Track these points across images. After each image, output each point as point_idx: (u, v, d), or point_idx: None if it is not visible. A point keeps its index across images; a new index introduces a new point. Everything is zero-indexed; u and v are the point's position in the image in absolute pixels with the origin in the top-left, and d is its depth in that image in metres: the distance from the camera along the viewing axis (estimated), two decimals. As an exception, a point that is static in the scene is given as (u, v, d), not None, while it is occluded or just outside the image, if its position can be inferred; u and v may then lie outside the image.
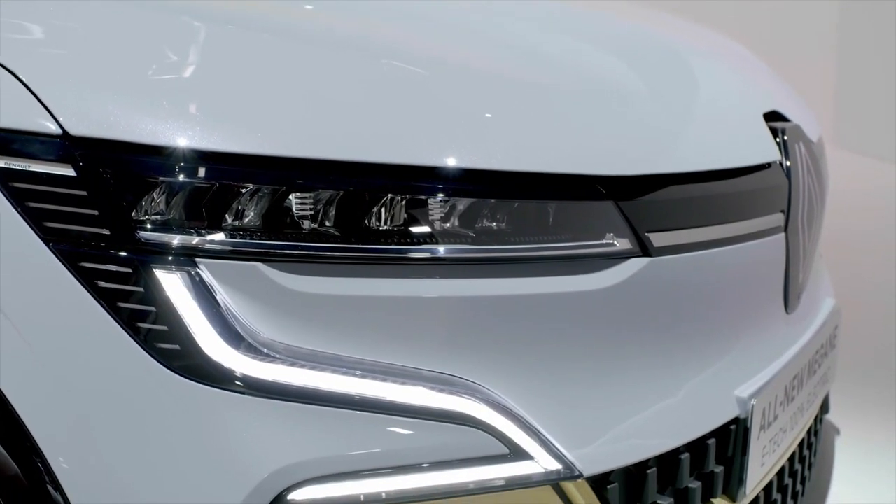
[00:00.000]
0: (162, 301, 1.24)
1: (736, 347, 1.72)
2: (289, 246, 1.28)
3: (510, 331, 1.37)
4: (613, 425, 1.44)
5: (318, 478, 1.25)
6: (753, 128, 1.85)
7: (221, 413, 1.24)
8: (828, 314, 2.19)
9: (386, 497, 1.27)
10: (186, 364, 1.24)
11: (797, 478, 2.17)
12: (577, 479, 1.36)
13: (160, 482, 1.25)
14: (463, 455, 1.31)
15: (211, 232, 1.27)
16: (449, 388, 1.32)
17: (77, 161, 1.25)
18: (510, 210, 1.37)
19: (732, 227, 1.67)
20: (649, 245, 1.47)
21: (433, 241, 1.32)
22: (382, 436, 1.28)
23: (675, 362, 1.57)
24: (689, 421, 1.57)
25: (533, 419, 1.36)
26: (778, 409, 1.79)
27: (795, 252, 1.90)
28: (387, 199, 1.31)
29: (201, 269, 1.26)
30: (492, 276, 1.37)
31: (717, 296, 1.67)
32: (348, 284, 1.30)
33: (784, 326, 1.92)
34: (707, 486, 1.64)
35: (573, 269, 1.42)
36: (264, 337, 1.27)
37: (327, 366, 1.28)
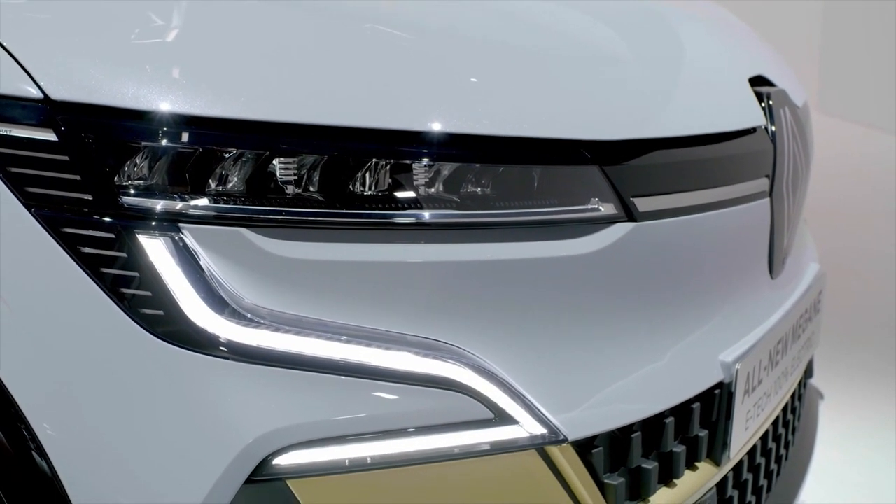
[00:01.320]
0: (145, 266, 1.24)
1: (720, 312, 1.72)
2: (273, 211, 1.27)
3: (495, 296, 1.37)
4: (598, 390, 1.45)
5: (303, 443, 1.25)
6: (739, 92, 1.84)
7: (205, 378, 1.24)
8: (812, 279, 2.19)
9: (371, 462, 1.27)
10: (170, 329, 1.24)
11: (781, 442, 2.18)
12: (561, 443, 1.37)
13: (145, 448, 1.24)
14: (448, 420, 1.31)
15: (194, 197, 1.26)
16: (434, 353, 1.32)
17: (58, 126, 1.24)
18: (495, 175, 1.36)
19: (717, 191, 1.67)
20: (634, 210, 1.46)
21: (418, 206, 1.32)
22: (367, 401, 1.28)
23: (660, 327, 1.57)
24: (674, 385, 1.57)
25: (518, 384, 1.36)
26: (762, 373, 1.80)
27: (780, 217, 1.90)
28: (371, 164, 1.30)
29: (185, 235, 1.25)
30: (477, 241, 1.37)
31: (701, 260, 1.67)
32: (333, 250, 1.30)
33: (769, 291, 1.92)
34: (691, 450, 1.64)
35: (558, 234, 1.42)
36: (248, 302, 1.27)
37: (312, 331, 1.28)
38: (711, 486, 1.71)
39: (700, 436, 1.65)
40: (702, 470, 1.67)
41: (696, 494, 1.65)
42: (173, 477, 1.23)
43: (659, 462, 1.57)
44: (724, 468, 1.72)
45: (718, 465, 1.69)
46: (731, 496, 1.86)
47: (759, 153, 1.82)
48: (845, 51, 10.34)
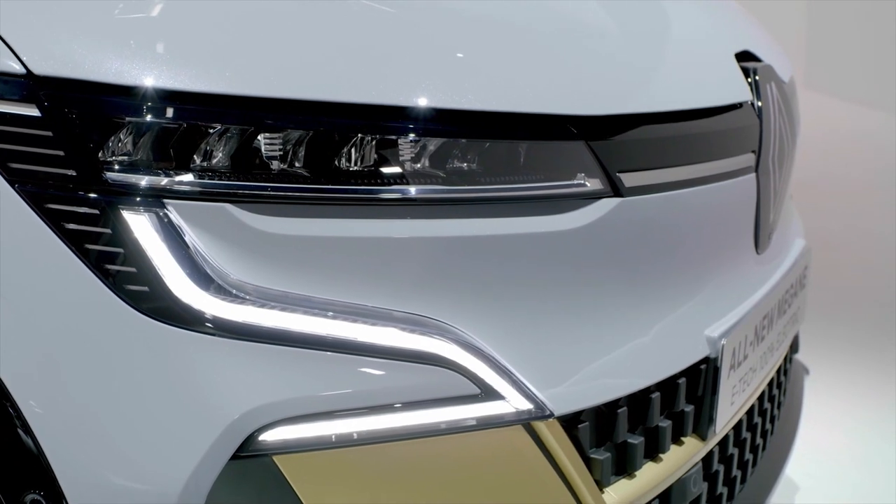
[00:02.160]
0: (130, 242, 1.23)
1: (706, 287, 1.72)
2: (258, 187, 1.27)
3: (481, 271, 1.37)
4: (584, 365, 1.45)
5: (289, 418, 1.25)
6: (725, 68, 1.84)
7: (191, 354, 1.24)
8: (798, 254, 2.20)
9: (357, 437, 1.27)
10: (155, 306, 1.23)
11: (766, 417, 2.19)
12: (548, 418, 1.37)
13: (131, 425, 1.24)
14: (434, 395, 1.31)
15: (179, 173, 1.26)
16: (420, 328, 1.32)
17: (41, 101, 1.23)
18: (481, 150, 1.36)
19: (704, 167, 1.67)
20: (620, 185, 1.46)
21: (403, 182, 1.31)
22: (353, 376, 1.28)
23: (646, 302, 1.57)
24: (660, 360, 1.58)
25: (504, 359, 1.36)
26: (748, 348, 1.80)
27: (766, 192, 1.90)
28: (357, 140, 1.29)
29: (169, 211, 1.25)
30: (463, 217, 1.36)
31: (687, 236, 1.67)
32: (318, 225, 1.30)
33: (754, 266, 1.93)
34: (677, 425, 1.65)
35: (544, 210, 1.42)
36: (234, 278, 1.27)
37: (298, 307, 1.27)
38: (697, 460, 1.72)
39: (686, 411, 1.65)
40: (687, 444, 1.68)
41: (682, 469, 1.66)
42: (159, 453, 1.23)
43: (645, 437, 1.57)
44: (710, 443, 1.73)
45: (704, 440, 1.70)
46: (716, 470, 1.86)
47: (745, 128, 1.82)
48: (832, 27, 10.34)
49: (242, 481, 1.25)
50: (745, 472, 2.07)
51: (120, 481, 1.24)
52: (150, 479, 1.23)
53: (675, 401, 1.63)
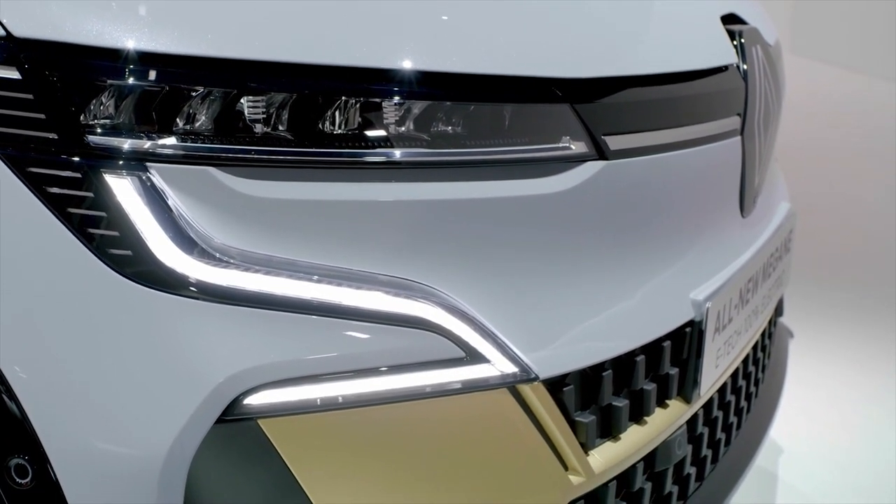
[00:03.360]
0: (112, 206, 1.22)
1: (691, 251, 1.72)
2: (241, 150, 1.26)
3: (466, 235, 1.37)
4: (569, 328, 1.45)
5: (274, 382, 1.25)
6: (710, 30, 1.83)
7: (176, 319, 1.23)
8: (783, 218, 2.20)
9: (343, 401, 1.27)
10: (139, 270, 1.23)
11: (751, 380, 2.19)
12: (533, 381, 1.37)
13: (115, 389, 1.24)
14: (419, 359, 1.31)
15: (162, 136, 1.25)
16: (405, 292, 1.31)
17: (22, 64, 1.22)
18: (466, 113, 1.35)
19: (689, 130, 1.67)
20: (605, 148, 1.46)
21: (388, 145, 1.31)
22: (338, 340, 1.28)
23: (631, 265, 1.57)
24: (645, 324, 1.58)
25: (489, 323, 1.36)
26: (732, 311, 1.81)
27: (751, 155, 1.90)
28: (341, 103, 1.29)
29: (152, 174, 1.24)
30: (448, 180, 1.36)
31: (673, 199, 1.67)
32: (303, 189, 1.29)
33: (739, 230, 1.93)
34: (662, 388, 1.65)
35: (529, 173, 1.42)
36: (218, 242, 1.26)
37: (282, 270, 1.27)
38: (682, 423, 1.73)
39: (671, 374, 1.66)
40: (672, 407, 1.68)
41: (667, 432, 1.67)
42: (144, 417, 1.23)
43: (630, 400, 1.58)
44: (695, 406, 1.74)
45: (689, 403, 1.71)
46: (701, 433, 1.87)
47: (730, 91, 1.82)
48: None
49: (227, 445, 1.25)
50: (730, 435, 2.08)
51: (104, 445, 1.24)
52: (134, 443, 1.23)
53: (660, 364, 1.64)
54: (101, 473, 1.25)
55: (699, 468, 1.92)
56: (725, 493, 1.98)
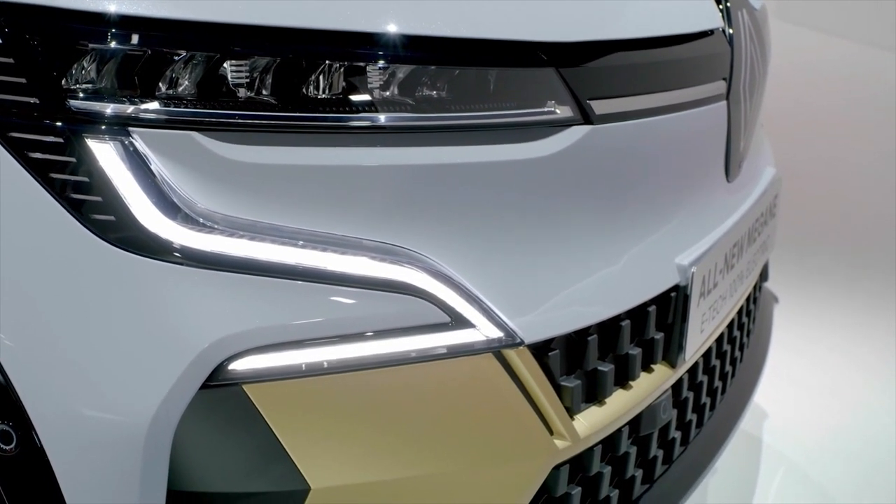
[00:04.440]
0: (95, 171, 1.22)
1: (677, 215, 1.72)
2: (225, 115, 1.25)
3: (451, 200, 1.36)
4: (555, 293, 1.45)
5: (259, 348, 1.24)
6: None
7: (159, 284, 1.23)
8: (768, 183, 2.20)
9: (328, 366, 1.27)
10: (122, 235, 1.22)
11: (736, 345, 2.20)
12: (518, 346, 1.37)
13: (100, 355, 1.23)
14: (404, 324, 1.31)
15: (144, 101, 1.24)
16: (390, 257, 1.31)
17: (2, 27, 1.21)
18: (451, 78, 1.35)
19: (674, 94, 1.66)
20: (591, 113, 1.46)
21: (373, 110, 1.30)
22: (323, 305, 1.28)
23: (617, 230, 1.57)
24: (630, 288, 1.58)
25: (474, 287, 1.36)
26: (718, 276, 1.81)
27: (737, 120, 1.90)
28: (325, 67, 1.28)
29: (135, 139, 1.23)
30: (433, 145, 1.35)
31: (658, 164, 1.67)
32: (287, 153, 1.28)
33: (725, 195, 1.93)
34: (647, 353, 1.66)
35: (514, 138, 1.41)
36: (201, 207, 1.25)
37: (266, 236, 1.27)
38: (667, 388, 1.73)
39: (656, 338, 1.66)
40: (657, 372, 1.69)
41: (652, 396, 1.67)
42: (128, 383, 1.23)
43: (615, 364, 1.58)
44: (680, 370, 1.74)
45: (674, 368, 1.71)
46: (686, 398, 1.88)
47: (716, 56, 1.81)
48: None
49: (212, 411, 1.24)
50: (715, 400, 2.09)
51: (89, 411, 1.23)
52: (119, 409, 1.23)
53: (646, 328, 1.64)
54: (86, 439, 1.24)
55: (684, 432, 1.93)
56: (710, 457, 1.99)
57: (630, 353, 1.60)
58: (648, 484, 1.81)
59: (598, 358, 1.56)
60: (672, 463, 1.88)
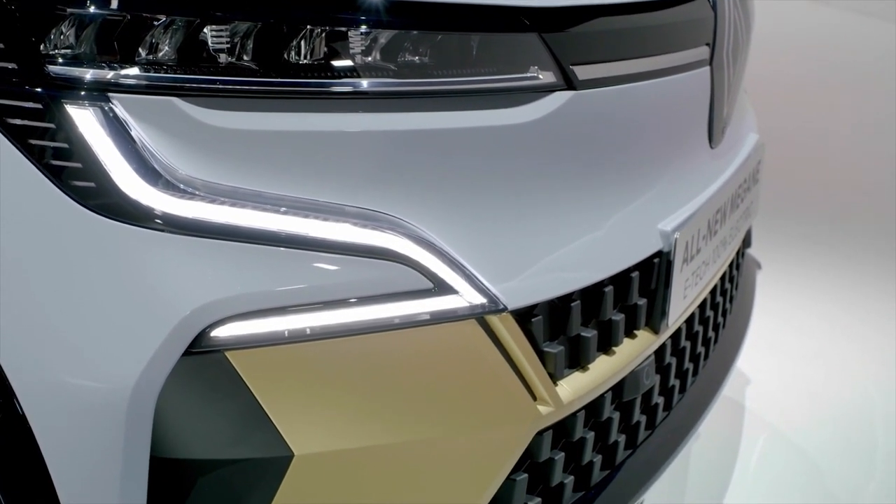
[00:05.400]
0: (75, 137, 1.21)
1: (660, 181, 1.72)
2: (205, 80, 1.25)
3: (434, 166, 1.36)
4: (538, 259, 1.45)
5: (242, 314, 1.24)
6: (679, -41, 1.82)
7: (141, 251, 1.22)
8: (751, 149, 2.20)
9: (310, 332, 1.27)
10: (103, 202, 1.22)
11: (718, 311, 2.21)
12: (501, 312, 1.37)
13: (81, 322, 1.23)
14: (387, 290, 1.31)
15: (124, 66, 1.23)
16: (372, 223, 1.31)
17: (-22, -8, 1.20)
18: (433, 43, 1.34)
19: (657, 60, 1.66)
20: (574, 78, 1.45)
21: (355, 75, 1.29)
22: (305, 272, 1.27)
23: (600, 196, 1.57)
24: (613, 254, 1.58)
25: (457, 253, 1.35)
26: (701, 242, 1.81)
27: (720, 86, 1.89)
28: (306, 32, 1.27)
29: (115, 105, 1.22)
30: (415, 111, 1.35)
31: (641, 129, 1.66)
32: (268, 119, 1.28)
33: (708, 160, 1.93)
34: (630, 319, 1.66)
35: (497, 103, 1.41)
36: (182, 173, 1.25)
37: (248, 202, 1.26)
38: (650, 353, 1.74)
39: (639, 304, 1.66)
40: (640, 338, 1.69)
41: (635, 362, 1.68)
42: (110, 350, 1.22)
43: (598, 330, 1.58)
44: (663, 336, 1.75)
45: (657, 333, 1.71)
46: (668, 363, 1.88)
47: (699, 21, 1.81)
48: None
49: (195, 378, 1.24)
50: (697, 366, 2.10)
51: (71, 379, 1.23)
52: (101, 377, 1.22)
53: (629, 294, 1.64)
54: (69, 407, 1.24)
55: (667, 398, 1.94)
56: (693, 422, 2.00)
57: (613, 319, 1.61)
58: (631, 449, 1.82)
59: (582, 324, 1.56)
60: (655, 428, 1.89)
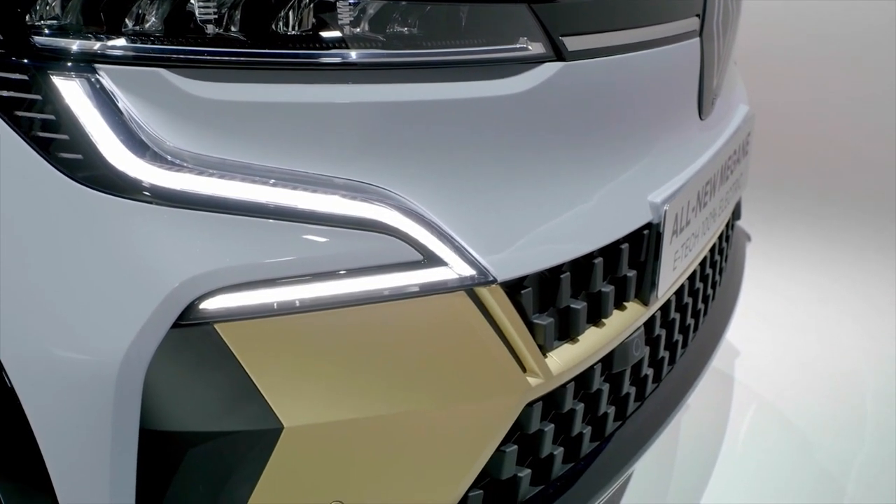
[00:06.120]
0: (61, 109, 1.20)
1: (649, 153, 1.72)
2: (193, 51, 1.24)
3: (423, 137, 1.35)
4: (527, 231, 1.44)
5: (231, 286, 1.23)
6: (670, -71, 1.81)
7: (129, 223, 1.22)
8: (741, 120, 2.20)
9: (300, 304, 1.26)
10: (90, 174, 1.21)
11: (708, 282, 2.21)
12: (490, 284, 1.37)
13: (69, 295, 1.22)
14: (377, 262, 1.30)
15: (111, 37, 1.22)
16: (361, 195, 1.30)
17: (-37, -38, 1.19)
18: (422, 14, 1.33)
19: (647, 31, 1.66)
20: (563, 49, 1.45)
21: (343, 46, 1.29)
22: (294, 244, 1.27)
23: (589, 168, 1.57)
24: (603, 226, 1.58)
25: (446, 225, 1.35)
26: (690, 214, 1.81)
27: (710, 57, 1.89)
28: (294, 2, 1.26)
29: (101, 76, 1.21)
30: (404, 82, 1.34)
31: (631, 101, 1.66)
32: (256, 91, 1.27)
33: (697, 132, 1.93)
34: (620, 290, 1.66)
35: (486, 74, 1.40)
36: (170, 145, 1.24)
37: (236, 174, 1.25)
38: (639, 325, 1.74)
39: (628, 276, 1.66)
40: (630, 310, 1.69)
41: (625, 333, 1.68)
42: (99, 323, 1.22)
43: (588, 302, 1.58)
44: (652, 308, 1.75)
45: (646, 305, 1.72)
46: (658, 335, 1.89)
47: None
48: None
49: (184, 350, 1.24)
50: (687, 337, 2.10)
51: (60, 352, 1.23)
52: (90, 350, 1.22)
53: (618, 266, 1.64)
54: (58, 380, 1.24)
55: (656, 370, 1.94)
56: (682, 394, 2.01)
57: (603, 291, 1.61)
58: (621, 421, 1.82)
59: (571, 296, 1.56)
60: (644, 400, 1.89)
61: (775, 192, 4.61)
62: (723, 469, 2.56)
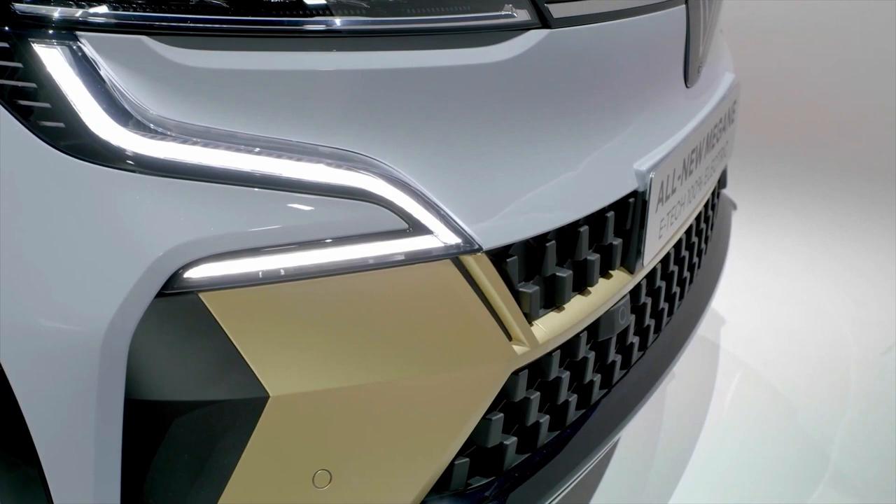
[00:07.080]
0: (43, 77, 1.19)
1: (635, 121, 1.72)
2: (176, 18, 1.23)
3: (407, 105, 1.35)
4: (513, 199, 1.44)
5: (215, 255, 1.23)
6: None
7: (112, 192, 1.21)
8: (727, 88, 2.20)
9: (285, 273, 1.26)
10: (73, 143, 1.20)
11: (694, 251, 2.21)
12: (476, 252, 1.37)
13: (53, 265, 1.22)
14: (362, 231, 1.30)
15: (92, 4, 1.21)
16: (347, 163, 1.29)
17: (-59, -73, 1.17)
18: (406, -20, 1.32)
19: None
20: (549, 16, 1.44)
21: (327, 13, 1.28)
22: (279, 212, 1.26)
23: (575, 136, 1.56)
24: (589, 194, 1.57)
25: (432, 194, 1.34)
26: (676, 182, 1.81)
27: (696, 25, 1.88)
28: (278, -31, 1.25)
29: (83, 44, 1.20)
30: (388, 49, 1.33)
31: (617, 69, 1.65)
32: (240, 58, 1.26)
33: (683, 100, 1.92)
34: (605, 258, 1.66)
35: (471, 42, 1.39)
36: (153, 114, 1.23)
37: (221, 142, 1.24)
38: (625, 293, 1.74)
39: (614, 244, 1.66)
40: (616, 278, 1.69)
41: (610, 301, 1.68)
42: (83, 292, 1.21)
43: (573, 270, 1.58)
44: (638, 276, 1.75)
45: (632, 273, 1.72)
46: (644, 303, 1.89)
47: (675, -41, 1.79)
48: None
49: (169, 319, 1.23)
50: (673, 305, 2.10)
51: (44, 322, 1.22)
52: (74, 319, 1.22)
53: (604, 234, 1.64)
54: (42, 350, 1.23)
55: (642, 338, 1.94)
56: (667, 362, 2.01)
57: (588, 259, 1.61)
58: (607, 389, 1.83)
59: (557, 264, 1.56)
60: (630, 368, 1.90)
61: (762, 160, 4.61)
62: (708, 436, 2.58)
